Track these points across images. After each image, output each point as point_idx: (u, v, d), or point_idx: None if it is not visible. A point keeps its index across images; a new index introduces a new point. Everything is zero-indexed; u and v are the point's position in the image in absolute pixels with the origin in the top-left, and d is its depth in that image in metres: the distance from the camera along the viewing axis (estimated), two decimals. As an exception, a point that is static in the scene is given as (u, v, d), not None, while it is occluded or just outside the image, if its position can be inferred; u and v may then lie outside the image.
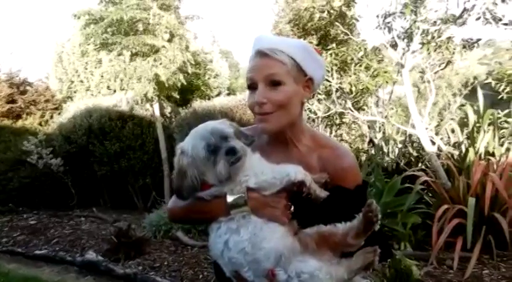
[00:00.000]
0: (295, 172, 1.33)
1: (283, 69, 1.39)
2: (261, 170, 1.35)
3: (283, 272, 1.23)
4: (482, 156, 4.76)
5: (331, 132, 6.81)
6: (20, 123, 10.03)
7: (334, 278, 1.22)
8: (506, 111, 5.57)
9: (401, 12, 4.75)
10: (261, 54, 1.41)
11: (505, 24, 4.55)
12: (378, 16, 5.01)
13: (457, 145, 5.43)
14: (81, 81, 10.66)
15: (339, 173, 1.44)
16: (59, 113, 10.14)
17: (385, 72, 5.28)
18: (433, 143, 5.12)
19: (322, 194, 1.37)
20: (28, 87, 11.30)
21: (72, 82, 10.77)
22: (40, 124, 10.16)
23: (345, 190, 1.43)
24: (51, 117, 10.37)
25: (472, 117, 5.08)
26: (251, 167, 1.34)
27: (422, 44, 4.70)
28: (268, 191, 1.33)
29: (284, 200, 1.35)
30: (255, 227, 1.29)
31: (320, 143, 1.53)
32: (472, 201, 3.91)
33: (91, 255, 4.87)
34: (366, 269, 1.30)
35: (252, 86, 1.43)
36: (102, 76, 10.34)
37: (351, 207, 1.33)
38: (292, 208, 1.37)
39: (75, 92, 10.80)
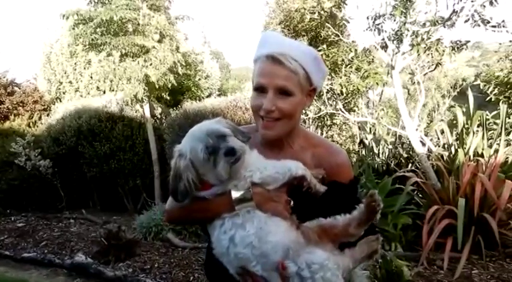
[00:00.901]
0: (296, 167, 1.37)
1: (295, 80, 1.41)
2: (263, 166, 1.37)
3: (293, 264, 1.24)
4: (472, 157, 4.80)
5: (322, 133, 6.83)
6: (7, 124, 9.89)
7: (341, 268, 1.25)
8: (495, 112, 5.63)
9: (391, 14, 4.78)
10: (274, 59, 1.40)
11: (493, 26, 4.60)
12: (368, 18, 5.03)
13: (446, 146, 5.47)
14: (70, 82, 10.57)
15: (334, 169, 1.50)
16: (48, 114, 10.03)
17: (376, 73, 5.32)
18: (423, 144, 5.16)
19: (321, 188, 1.41)
20: (16, 88, 11.16)
21: (61, 83, 10.67)
22: (28, 125, 10.03)
23: (340, 185, 1.48)
24: (40, 118, 10.26)
25: (461, 119, 5.12)
26: (253, 163, 1.36)
27: (412, 45, 4.73)
28: (272, 186, 1.35)
29: (285, 195, 1.38)
30: (259, 221, 1.30)
31: (313, 142, 1.57)
32: (461, 201, 3.94)
33: (80, 257, 4.81)
34: (370, 258, 1.35)
35: (259, 89, 1.44)
36: (91, 77, 10.27)
37: (347, 200, 1.40)
38: (292, 203, 1.39)
39: (64, 93, 10.71)
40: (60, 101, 10.54)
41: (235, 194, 1.32)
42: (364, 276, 1.42)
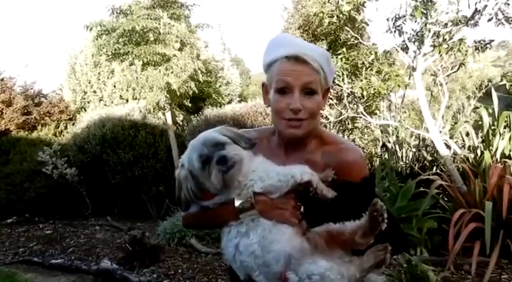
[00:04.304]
0: (300, 173, 1.33)
1: (317, 79, 1.42)
2: (266, 173, 1.34)
3: (295, 275, 1.22)
4: (498, 159, 4.67)
5: (343, 137, 6.78)
6: (35, 134, 10.14)
7: (346, 277, 1.21)
8: (522, 113, 5.46)
9: (411, 15, 4.71)
10: (297, 59, 1.39)
11: (518, 25, 4.48)
12: (388, 19, 4.98)
13: (472, 148, 5.34)
14: (94, 92, 10.80)
15: (343, 166, 1.43)
16: (73, 124, 10.28)
17: (397, 75, 5.25)
18: (448, 147, 5.05)
19: (329, 194, 1.36)
20: (43, 99, 11.44)
21: (86, 93, 10.92)
22: (55, 135, 10.27)
23: (351, 184, 1.41)
24: (66, 127, 10.51)
25: (487, 120, 5.00)
26: (255, 171, 1.35)
27: (434, 46, 4.65)
28: (275, 194, 1.33)
29: (292, 201, 1.35)
30: (263, 229, 1.29)
31: (326, 140, 1.54)
32: (489, 205, 3.83)
33: (106, 263, 4.88)
34: (378, 267, 1.29)
35: (283, 90, 1.42)
36: (114, 86, 10.47)
37: (360, 201, 1.32)
38: (302, 208, 1.36)
39: (88, 102, 10.95)
40: (85, 110, 10.78)
41: (237, 203, 1.31)
42: (381, 280, 1.37)
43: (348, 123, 6.78)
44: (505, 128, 4.91)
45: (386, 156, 6.52)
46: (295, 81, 1.39)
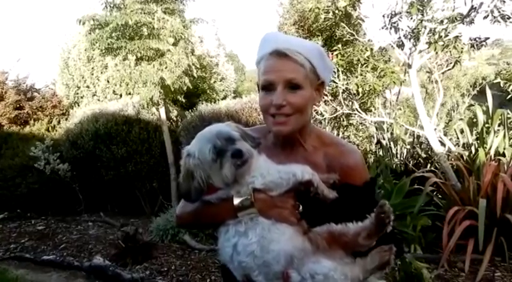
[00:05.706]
0: (301, 172, 1.31)
1: (302, 73, 1.38)
2: (267, 171, 1.33)
3: (297, 274, 1.20)
4: (493, 156, 4.68)
5: (338, 134, 6.76)
6: (27, 129, 10.04)
7: (349, 278, 1.20)
8: (516, 111, 5.48)
9: (407, 12, 4.70)
10: (279, 54, 1.37)
11: (514, 22, 4.48)
12: (384, 16, 4.96)
13: (466, 146, 5.35)
14: (88, 87, 10.72)
15: (345, 170, 1.43)
16: (66, 119, 10.17)
17: (392, 72, 5.24)
18: (442, 144, 5.06)
19: (331, 195, 1.34)
20: (35, 94, 11.30)
21: (79, 88, 10.83)
22: (47, 130, 10.17)
23: (352, 187, 1.41)
24: (58, 123, 10.40)
25: (481, 118, 5.01)
26: (257, 169, 1.33)
27: (429, 43, 4.64)
28: (275, 192, 1.31)
29: (292, 200, 1.33)
30: (263, 229, 1.27)
31: (325, 141, 1.52)
32: (483, 202, 3.84)
33: (98, 260, 4.84)
34: (382, 269, 1.28)
35: (267, 87, 1.40)
36: (108, 81, 10.39)
37: (360, 204, 1.33)
38: (301, 208, 1.34)
39: (81, 97, 10.86)
40: (78, 105, 10.69)
41: (235, 201, 1.29)
42: None
43: (343, 120, 6.77)
44: (499, 125, 4.93)
45: (381, 153, 6.52)
46: (277, 77, 1.37)
